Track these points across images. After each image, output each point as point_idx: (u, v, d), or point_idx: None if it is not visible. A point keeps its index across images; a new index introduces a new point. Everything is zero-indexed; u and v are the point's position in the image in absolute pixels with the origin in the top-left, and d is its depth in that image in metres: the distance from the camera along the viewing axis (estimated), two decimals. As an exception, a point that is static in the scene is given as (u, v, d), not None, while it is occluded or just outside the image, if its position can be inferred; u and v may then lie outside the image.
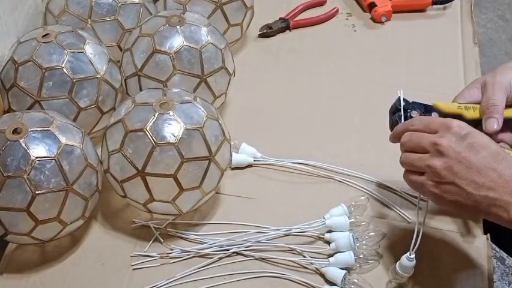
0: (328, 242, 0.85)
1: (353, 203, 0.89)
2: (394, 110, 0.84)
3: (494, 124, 0.82)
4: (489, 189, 0.71)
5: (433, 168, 0.73)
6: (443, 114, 0.83)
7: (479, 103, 0.84)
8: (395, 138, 0.80)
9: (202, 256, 0.85)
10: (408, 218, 0.90)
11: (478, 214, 0.75)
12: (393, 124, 0.83)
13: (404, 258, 0.80)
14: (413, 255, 0.79)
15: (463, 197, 0.72)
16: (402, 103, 0.83)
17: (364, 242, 0.84)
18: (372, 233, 0.85)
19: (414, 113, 0.82)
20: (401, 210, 0.90)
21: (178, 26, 0.94)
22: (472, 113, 0.84)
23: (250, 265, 0.84)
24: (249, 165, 0.96)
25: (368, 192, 0.92)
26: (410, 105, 0.83)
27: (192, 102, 0.85)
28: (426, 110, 0.84)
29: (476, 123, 0.82)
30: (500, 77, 0.83)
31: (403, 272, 0.80)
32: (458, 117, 0.81)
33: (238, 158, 0.95)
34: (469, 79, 1.10)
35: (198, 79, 0.94)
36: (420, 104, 0.84)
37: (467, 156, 0.72)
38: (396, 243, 0.87)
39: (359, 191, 0.92)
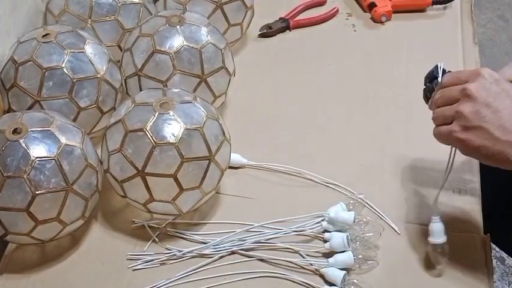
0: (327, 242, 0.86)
1: (351, 201, 0.89)
2: (431, 78, 0.84)
3: None
4: None
5: (461, 113, 0.73)
6: None
7: None
8: (433, 105, 0.79)
9: (202, 256, 0.85)
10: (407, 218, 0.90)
11: (504, 163, 0.73)
12: (429, 91, 0.83)
13: (431, 225, 0.82)
14: (436, 217, 0.81)
15: (490, 142, 0.72)
16: (440, 72, 0.83)
17: (362, 242, 0.84)
18: (371, 234, 0.85)
19: None
20: (400, 210, 0.90)
21: (178, 26, 0.94)
22: None
23: (250, 265, 0.84)
24: (242, 167, 0.96)
25: (367, 191, 0.92)
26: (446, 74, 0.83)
27: (192, 102, 0.85)
28: None
29: None
30: None
31: (436, 239, 0.81)
32: None
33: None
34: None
35: (198, 79, 0.94)
36: None
37: (494, 100, 0.72)
38: (395, 243, 0.87)
39: (357, 190, 0.92)
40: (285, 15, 1.23)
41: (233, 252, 0.85)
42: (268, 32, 1.20)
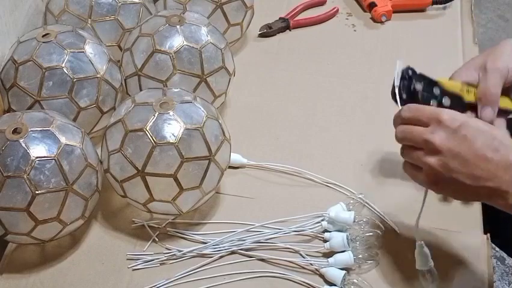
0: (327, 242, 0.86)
1: (351, 201, 0.89)
2: (400, 80, 0.82)
3: (489, 114, 0.81)
4: (487, 180, 0.70)
5: (429, 166, 0.72)
6: (444, 92, 0.81)
7: (475, 85, 0.82)
8: (394, 124, 0.78)
9: (202, 256, 0.85)
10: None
11: (478, 200, 0.77)
12: (393, 92, 0.81)
13: (416, 252, 0.80)
14: (420, 242, 0.80)
15: (462, 189, 0.72)
16: (398, 73, 0.80)
17: (362, 242, 0.84)
18: (371, 234, 0.85)
19: (418, 86, 0.81)
20: (400, 210, 0.90)
21: (178, 26, 0.94)
22: (472, 97, 0.82)
23: (250, 265, 0.84)
24: (242, 167, 0.96)
25: (367, 191, 0.92)
26: (416, 76, 0.81)
27: (191, 102, 0.85)
28: (430, 83, 0.82)
29: (473, 106, 0.82)
30: (500, 64, 0.82)
31: (423, 265, 0.80)
32: (458, 98, 0.81)
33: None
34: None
35: (198, 79, 0.94)
36: (425, 77, 0.82)
37: (461, 150, 0.71)
38: (395, 243, 0.87)
39: (357, 190, 0.92)
40: (285, 15, 1.23)
41: (233, 252, 0.85)
42: (268, 32, 1.20)
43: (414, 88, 0.81)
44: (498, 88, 0.81)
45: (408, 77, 0.81)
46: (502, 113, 0.83)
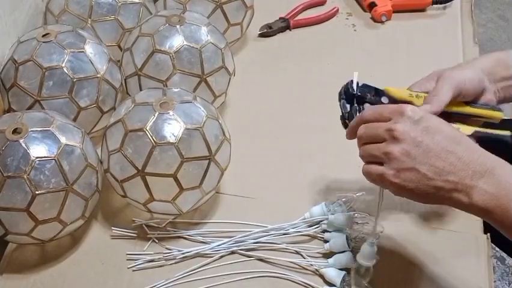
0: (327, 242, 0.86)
1: (349, 200, 0.89)
2: (349, 96, 0.82)
3: (428, 109, 0.79)
4: (449, 173, 0.69)
5: (391, 154, 0.71)
6: (394, 100, 0.82)
7: (426, 92, 0.82)
8: (352, 134, 0.78)
9: (202, 256, 0.85)
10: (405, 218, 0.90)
11: (439, 201, 0.72)
12: (349, 116, 0.82)
13: (364, 245, 0.78)
14: (374, 241, 0.78)
15: (424, 183, 0.70)
16: (355, 85, 0.81)
17: (362, 241, 0.84)
18: (370, 233, 0.85)
19: (365, 94, 0.82)
20: (400, 210, 0.90)
21: (178, 26, 0.94)
22: (421, 102, 0.81)
23: (250, 265, 0.84)
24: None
25: (366, 191, 0.92)
26: (360, 89, 0.82)
27: (191, 101, 0.85)
28: (377, 94, 0.82)
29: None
30: (457, 73, 0.82)
31: (365, 260, 0.78)
32: (407, 104, 0.79)
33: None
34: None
35: (198, 79, 0.94)
36: (371, 87, 0.83)
37: (423, 140, 0.70)
38: (395, 243, 0.87)
39: (357, 190, 0.92)
40: (285, 15, 1.23)
41: (233, 252, 0.85)
42: (268, 32, 1.20)
43: (361, 96, 0.81)
44: (447, 92, 0.80)
45: (352, 88, 0.82)
46: (464, 117, 0.83)
